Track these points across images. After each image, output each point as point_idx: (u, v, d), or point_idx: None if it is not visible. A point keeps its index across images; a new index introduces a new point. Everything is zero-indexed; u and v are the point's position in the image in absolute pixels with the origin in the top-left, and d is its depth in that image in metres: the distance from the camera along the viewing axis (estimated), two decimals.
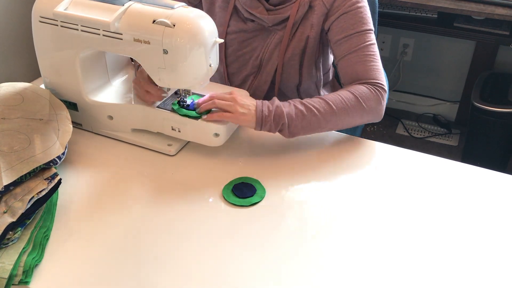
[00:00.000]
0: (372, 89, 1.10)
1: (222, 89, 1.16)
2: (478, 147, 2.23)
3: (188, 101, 1.08)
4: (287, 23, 1.19)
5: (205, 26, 0.96)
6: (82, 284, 0.79)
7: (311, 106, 1.04)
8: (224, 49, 1.27)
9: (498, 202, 0.97)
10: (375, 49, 1.15)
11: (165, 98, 1.10)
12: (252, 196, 0.96)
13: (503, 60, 2.36)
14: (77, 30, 1.00)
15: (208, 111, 1.04)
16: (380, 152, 1.11)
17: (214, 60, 1.01)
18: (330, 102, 1.06)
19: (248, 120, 1.03)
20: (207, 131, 1.04)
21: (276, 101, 1.05)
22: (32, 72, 2.02)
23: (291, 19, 1.18)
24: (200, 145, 1.08)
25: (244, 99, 1.04)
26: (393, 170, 1.05)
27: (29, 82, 1.15)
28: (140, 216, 0.92)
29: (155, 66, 0.98)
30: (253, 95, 1.28)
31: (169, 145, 1.08)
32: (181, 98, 1.08)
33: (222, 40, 1.00)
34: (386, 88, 1.13)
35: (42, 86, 1.15)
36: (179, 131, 1.07)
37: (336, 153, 1.10)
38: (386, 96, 1.13)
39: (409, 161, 1.08)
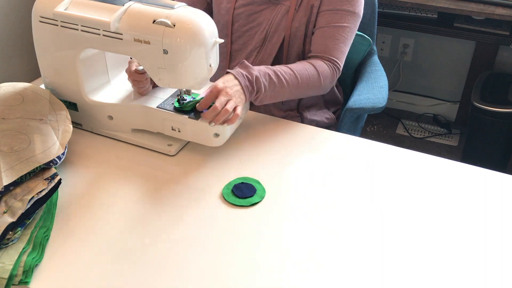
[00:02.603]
0: (331, 67, 1.21)
1: None
2: (478, 147, 2.23)
3: (188, 100, 1.08)
4: None
5: (205, 26, 0.96)
6: (82, 284, 0.79)
7: (282, 78, 1.12)
8: (230, 25, 1.29)
9: (498, 202, 0.97)
10: (350, 35, 1.24)
11: (165, 98, 1.10)
12: (252, 196, 0.96)
13: (503, 60, 2.36)
14: (77, 30, 1.00)
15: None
16: (380, 152, 1.11)
17: (214, 60, 1.01)
18: (298, 75, 1.14)
19: (244, 100, 1.06)
20: (207, 131, 1.04)
21: (253, 71, 1.08)
22: (32, 72, 2.02)
23: None
24: (200, 145, 1.08)
25: (227, 84, 1.04)
26: (393, 170, 1.05)
27: (29, 82, 1.15)
28: (140, 216, 0.92)
29: (155, 66, 0.98)
30: None
31: (169, 145, 1.08)
32: (181, 97, 1.08)
33: (222, 40, 1.00)
34: (340, 68, 1.23)
35: (42, 86, 1.15)
36: (179, 131, 1.07)
37: (336, 153, 1.10)
38: (337, 77, 1.24)
39: (409, 161, 1.08)
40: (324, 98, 1.39)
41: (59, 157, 0.95)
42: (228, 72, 1.08)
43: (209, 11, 1.37)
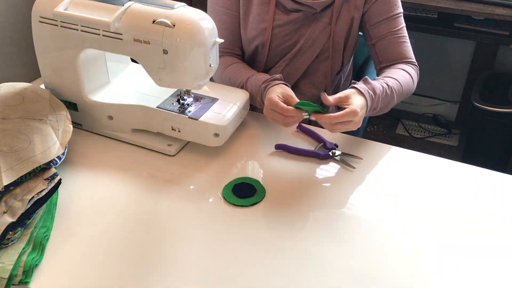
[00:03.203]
0: (415, 69, 1.25)
1: (222, 89, 1.16)
2: (478, 147, 2.23)
3: (188, 100, 1.08)
4: (334, 5, 1.22)
5: (205, 26, 0.96)
6: (82, 284, 0.79)
7: (394, 91, 1.13)
8: (267, 46, 1.27)
9: (498, 202, 0.97)
10: (406, 32, 1.26)
11: (165, 98, 1.10)
12: (252, 196, 0.96)
13: (503, 60, 2.36)
14: (77, 30, 1.00)
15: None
16: (380, 152, 1.11)
17: (214, 60, 1.01)
18: (402, 84, 1.16)
19: (362, 108, 1.03)
20: (207, 131, 1.04)
21: (376, 89, 1.08)
22: (32, 72, 2.02)
23: (337, 1, 1.21)
24: (200, 145, 1.08)
25: (360, 110, 1.01)
26: (393, 170, 1.05)
27: (29, 82, 1.15)
28: (140, 216, 0.92)
29: (155, 66, 0.98)
30: (286, 80, 1.28)
31: (169, 145, 1.08)
32: (181, 97, 1.08)
33: (222, 40, 1.00)
34: (416, 64, 1.26)
35: (42, 86, 1.15)
36: (179, 131, 1.07)
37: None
38: (418, 71, 1.26)
39: (409, 161, 1.08)
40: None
41: (59, 157, 0.95)
42: (357, 90, 1.05)
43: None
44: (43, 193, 0.88)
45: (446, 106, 2.63)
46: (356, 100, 1.02)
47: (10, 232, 0.83)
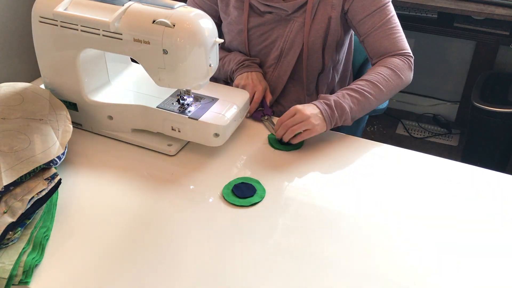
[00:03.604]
0: (403, 59, 1.20)
1: (222, 89, 1.16)
2: (478, 147, 2.23)
3: (188, 100, 1.08)
4: (307, 7, 1.21)
5: (205, 26, 0.96)
6: (82, 284, 0.79)
7: (364, 92, 1.12)
8: (247, 46, 1.30)
9: (498, 202, 0.97)
10: (396, 20, 1.22)
11: (165, 98, 1.10)
12: (252, 196, 0.96)
13: (503, 60, 2.36)
14: (77, 30, 1.00)
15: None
16: (380, 152, 1.11)
17: (214, 60, 1.01)
18: (377, 83, 1.14)
19: (321, 128, 1.08)
20: (207, 131, 1.04)
21: (330, 97, 1.10)
22: (32, 72, 2.02)
23: (310, 1, 1.20)
24: (200, 145, 1.08)
25: (306, 108, 1.07)
26: (393, 170, 1.05)
27: (29, 82, 1.15)
28: (140, 216, 0.92)
29: (155, 66, 0.98)
30: (273, 88, 1.31)
31: (169, 145, 1.08)
32: (181, 97, 1.08)
33: (222, 40, 1.00)
34: (411, 53, 1.22)
35: (42, 86, 1.15)
36: (179, 131, 1.06)
37: (336, 153, 1.10)
38: (412, 60, 1.22)
39: (409, 161, 1.08)
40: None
41: (59, 157, 0.95)
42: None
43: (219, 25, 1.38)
44: (43, 193, 0.88)
45: (446, 106, 2.63)
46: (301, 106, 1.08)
47: (10, 232, 0.83)
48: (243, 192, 0.97)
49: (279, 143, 1.11)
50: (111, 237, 0.87)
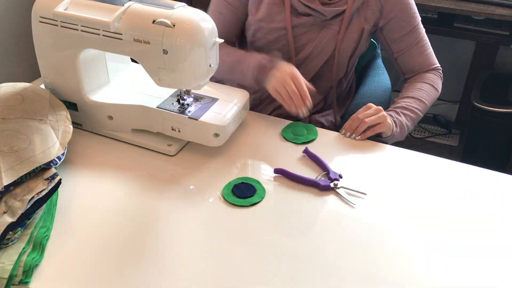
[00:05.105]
0: (437, 73, 1.30)
1: (222, 89, 1.16)
2: (478, 147, 2.23)
3: (188, 100, 1.08)
4: (344, 15, 1.22)
5: (205, 26, 0.96)
6: (82, 284, 0.79)
7: (414, 109, 1.21)
8: (292, 45, 1.27)
9: (498, 202, 0.97)
10: (426, 37, 1.30)
11: (165, 98, 1.10)
12: (252, 196, 0.96)
13: (503, 60, 2.36)
14: (77, 30, 1.00)
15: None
16: (380, 152, 1.11)
17: (214, 60, 1.01)
18: (422, 99, 1.24)
19: (390, 127, 1.14)
20: (207, 131, 1.04)
21: (400, 116, 1.19)
22: (32, 72, 2.02)
23: (348, 10, 1.22)
24: (200, 145, 1.08)
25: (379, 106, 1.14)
26: (393, 170, 1.05)
27: (29, 82, 1.15)
28: (140, 216, 0.92)
29: (155, 66, 0.98)
30: None
31: (169, 145, 1.08)
32: (181, 97, 1.08)
33: (222, 40, 1.00)
34: (439, 66, 1.32)
35: (42, 86, 1.15)
36: (179, 131, 1.06)
37: (336, 153, 1.10)
38: (441, 73, 1.32)
39: (409, 161, 1.08)
40: (337, 103, 1.40)
41: (59, 158, 0.95)
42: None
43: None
44: (43, 193, 0.88)
45: (446, 106, 2.63)
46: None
47: (10, 232, 0.83)
48: (243, 192, 0.97)
49: (292, 134, 1.13)
50: (111, 237, 0.87)
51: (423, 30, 1.28)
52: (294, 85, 1.11)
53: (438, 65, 1.31)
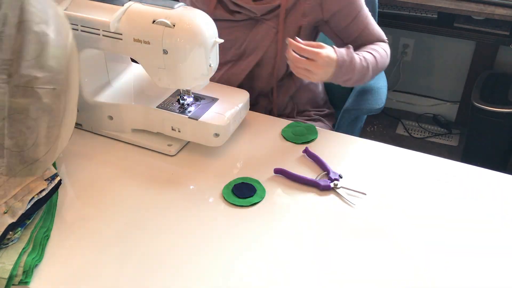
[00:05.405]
0: (387, 45, 1.27)
1: (222, 89, 1.16)
2: (478, 147, 2.23)
3: (188, 100, 1.08)
4: (279, 12, 1.19)
5: (205, 26, 0.96)
6: (82, 284, 0.79)
7: (368, 63, 1.15)
8: None
9: (498, 202, 0.97)
10: (369, 13, 1.25)
11: (165, 98, 1.10)
12: (252, 196, 0.96)
13: (503, 60, 2.36)
14: (77, 30, 1.00)
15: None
16: (380, 152, 1.11)
17: (214, 60, 1.01)
18: (377, 60, 1.18)
19: (329, 64, 1.07)
20: (207, 131, 1.04)
21: (350, 51, 1.11)
22: None
23: (283, 7, 1.18)
24: (200, 145, 1.08)
25: (324, 51, 1.06)
26: (393, 170, 1.05)
27: None
28: (140, 217, 0.92)
29: (155, 66, 0.98)
30: (226, 83, 1.27)
31: (169, 145, 1.08)
32: (181, 97, 1.08)
33: (222, 40, 1.00)
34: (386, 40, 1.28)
35: None
36: (179, 131, 1.07)
37: (336, 153, 1.10)
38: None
39: (409, 161, 1.08)
40: (301, 101, 1.38)
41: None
42: (333, 48, 1.09)
43: None
44: (43, 193, 0.88)
45: (446, 106, 2.63)
46: (327, 50, 1.06)
47: (10, 232, 0.83)
48: (243, 192, 0.97)
49: (293, 135, 1.13)
50: (111, 237, 0.87)
51: (366, 8, 1.24)
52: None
53: (385, 38, 1.28)
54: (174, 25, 0.93)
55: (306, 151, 1.08)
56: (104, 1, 1.00)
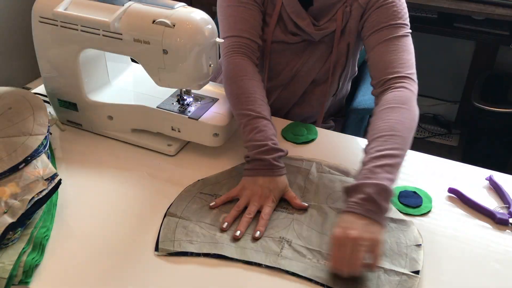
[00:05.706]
0: (401, 88, 0.99)
1: (222, 89, 1.16)
2: (478, 147, 2.23)
3: (188, 100, 1.08)
4: (335, 37, 1.16)
5: (205, 26, 0.96)
6: (82, 284, 0.79)
7: (394, 159, 0.88)
8: (268, 57, 1.21)
9: (498, 202, 0.97)
10: (407, 42, 1.05)
11: (165, 98, 1.10)
12: None
13: (503, 60, 2.36)
14: (77, 30, 1.00)
15: None
16: None
17: (214, 60, 1.01)
18: (398, 133, 0.91)
19: (377, 229, 0.80)
20: (207, 131, 1.04)
21: (365, 187, 0.83)
22: (32, 72, 2.02)
23: (338, 31, 1.16)
24: (200, 145, 1.08)
25: (349, 226, 0.80)
26: None
27: (29, 82, 1.15)
28: (140, 216, 0.92)
29: (155, 66, 0.98)
30: (280, 108, 1.26)
31: (169, 145, 1.08)
32: (181, 97, 1.08)
33: (222, 40, 1.00)
34: (414, 77, 1.03)
35: (42, 86, 1.15)
36: (179, 131, 1.07)
37: (336, 153, 1.10)
38: (415, 86, 1.02)
39: (409, 161, 1.08)
40: (329, 111, 1.37)
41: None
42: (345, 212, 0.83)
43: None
44: (43, 193, 0.88)
45: (446, 106, 2.63)
46: (338, 224, 0.81)
47: (10, 232, 0.83)
48: None
49: (292, 134, 1.12)
50: (111, 237, 0.87)
51: (404, 35, 1.06)
52: (257, 209, 0.91)
53: (407, 72, 1.02)
54: (174, 25, 0.93)
55: (490, 179, 1.00)
56: (104, 1, 1.00)
